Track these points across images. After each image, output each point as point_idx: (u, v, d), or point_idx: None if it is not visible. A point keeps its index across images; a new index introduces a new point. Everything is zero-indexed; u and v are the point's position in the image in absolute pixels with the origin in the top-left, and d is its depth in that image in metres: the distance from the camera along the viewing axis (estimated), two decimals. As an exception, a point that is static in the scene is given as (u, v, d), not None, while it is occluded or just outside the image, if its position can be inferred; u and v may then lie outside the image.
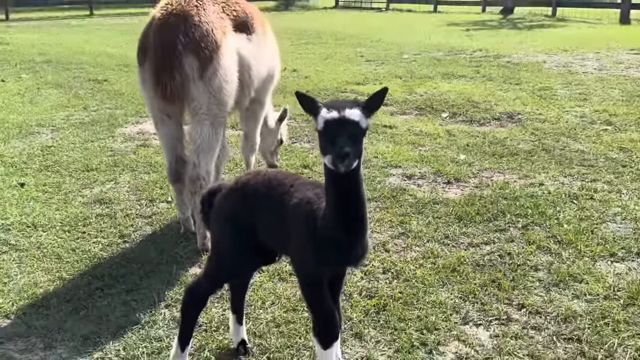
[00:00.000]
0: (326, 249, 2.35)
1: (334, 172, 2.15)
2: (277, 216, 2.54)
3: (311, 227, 2.37)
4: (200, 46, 3.89)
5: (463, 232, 4.44)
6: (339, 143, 2.08)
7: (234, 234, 2.68)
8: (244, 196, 2.67)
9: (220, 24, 4.08)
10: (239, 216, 2.67)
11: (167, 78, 3.88)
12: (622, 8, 20.94)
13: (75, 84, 10.33)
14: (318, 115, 2.16)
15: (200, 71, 3.92)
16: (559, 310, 3.41)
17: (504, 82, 10.03)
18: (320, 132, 2.16)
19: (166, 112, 4.19)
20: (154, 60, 3.95)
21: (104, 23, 23.29)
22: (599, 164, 5.81)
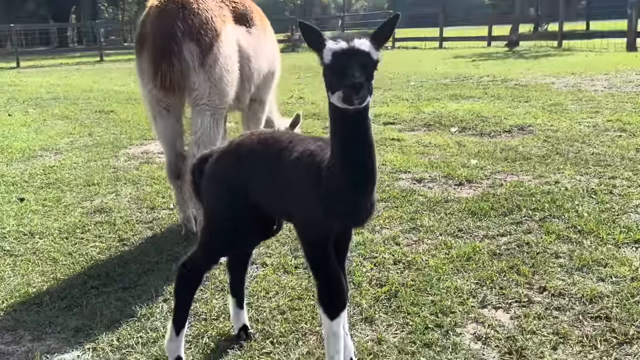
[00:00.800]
0: (333, 200, 2.16)
1: (343, 112, 1.98)
2: (276, 173, 2.37)
3: (316, 178, 2.18)
4: (200, 33, 3.80)
5: (477, 226, 4.22)
6: (351, 74, 1.90)
7: (229, 198, 2.50)
8: (238, 157, 2.50)
9: (219, 13, 3.99)
10: (232, 178, 2.49)
11: (166, 66, 3.75)
12: (628, 36, 20.89)
13: (81, 116, 10.29)
14: (324, 49, 1.98)
15: (201, 58, 3.82)
16: (583, 292, 3.18)
17: (512, 100, 9.89)
18: (328, 66, 1.98)
19: (165, 105, 4.05)
20: (152, 49, 3.83)
21: (114, 67, 23.56)
22: (616, 163, 5.60)
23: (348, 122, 2.03)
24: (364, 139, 2.06)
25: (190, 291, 2.67)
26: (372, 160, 2.11)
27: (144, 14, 4.08)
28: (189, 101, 3.98)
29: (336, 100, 1.97)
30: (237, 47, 4.09)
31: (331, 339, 2.34)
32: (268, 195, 2.45)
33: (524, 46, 24.63)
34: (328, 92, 2.01)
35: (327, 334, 2.35)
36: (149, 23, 3.92)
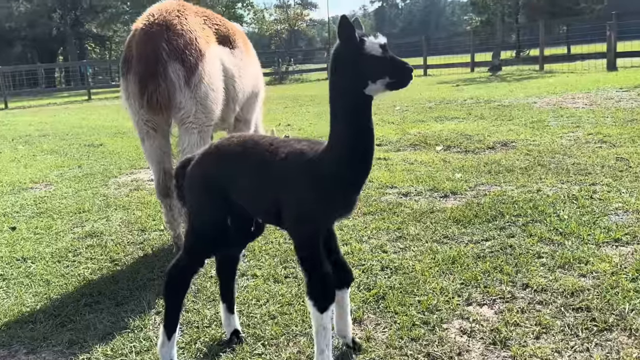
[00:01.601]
0: (336, 193, 2.37)
1: (368, 100, 2.28)
2: (262, 174, 2.47)
3: (315, 174, 2.34)
4: (185, 53, 3.89)
5: (462, 232, 4.32)
6: (403, 61, 2.25)
7: (209, 199, 2.60)
8: (219, 158, 2.60)
9: (203, 34, 4.11)
10: (212, 179, 2.59)
11: (152, 86, 3.83)
12: (608, 56, 21.35)
13: (71, 150, 10.37)
14: (366, 43, 2.23)
15: (186, 78, 3.89)
16: (565, 287, 3.27)
17: (495, 119, 10.08)
18: (375, 58, 2.23)
19: (152, 125, 4.12)
20: (138, 69, 3.91)
21: (102, 105, 23.73)
22: (596, 171, 5.74)
23: (367, 110, 2.29)
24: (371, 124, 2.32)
25: (178, 295, 2.73)
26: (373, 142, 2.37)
27: (129, 37, 4.18)
28: (176, 120, 4.06)
29: (379, 87, 2.25)
30: (221, 67, 4.19)
31: (321, 332, 2.43)
32: (252, 196, 2.54)
33: (506, 70, 25.07)
34: (366, 83, 2.24)
35: (317, 328, 2.44)
36: (134, 45, 4.01)
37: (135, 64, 3.95)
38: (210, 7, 39.06)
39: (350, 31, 2.24)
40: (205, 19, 4.33)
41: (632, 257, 3.62)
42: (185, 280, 2.72)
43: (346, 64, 2.26)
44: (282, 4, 58.30)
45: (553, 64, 24.66)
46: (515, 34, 37.86)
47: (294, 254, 4.08)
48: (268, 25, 52.64)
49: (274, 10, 54.48)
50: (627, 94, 12.38)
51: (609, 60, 21.23)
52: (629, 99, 11.50)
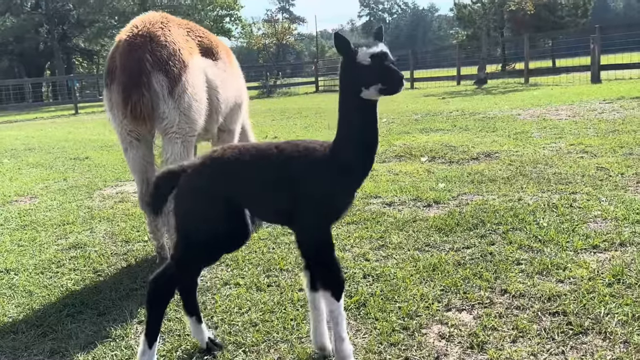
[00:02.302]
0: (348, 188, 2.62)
1: (369, 104, 2.49)
2: (273, 176, 2.56)
3: (328, 171, 2.53)
4: (168, 64, 3.93)
5: (444, 240, 4.37)
6: (395, 69, 2.44)
7: (212, 210, 2.59)
8: (222, 168, 2.62)
9: (186, 45, 4.16)
10: (220, 189, 2.60)
11: (136, 96, 3.85)
12: (592, 69, 21.63)
13: (56, 163, 10.34)
14: (359, 53, 2.45)
15: (170, 88, 3.93)
16: (542, 292, 3.32)
17: (480, 130, 10.19)
18: (366, 66, 2.44)
19: (135, 135, 4.15)
20: (122, 80, 3.93)
21: (89, 119, 23.68)
22: (577, 181, 5.82)
23: (370, 112, 2.52)
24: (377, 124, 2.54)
25: (162, 305, 2.74)
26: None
27: (113, 48, 4.21)
28: (160, 130, 4.09)
29: (372, 92, 2.45)
30: (204, 78, 4.24)
31: (340, 319, 2.60)
32: (263, 199, 2.62)
33: (492, 84, 25.32)
34: (360, 88, 2.46)
35: (337, 316, 2.60)
36: (118, 56, 4.04)
37: (119, 74, 3.98)
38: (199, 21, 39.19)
39: (344, 44, 2.48)
40: (188, 30, 4.38)
41: (609, 263, 3.68)
42: (171, 291, 2.74)
43: (344, 72, 2.54)
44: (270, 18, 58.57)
45: (538, 77, 24.96)
46: (501, 48, 38.28)
47: (277, 262, 4.13)
48: (256, 40, 52.79)
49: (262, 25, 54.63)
50: (610, 105, 12.54)
51: (593, 73, 21.50)
52: (612, 110, 11.65)
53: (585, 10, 45.23)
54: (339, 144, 2.56)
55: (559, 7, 44.05)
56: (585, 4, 45.06)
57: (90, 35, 51.54)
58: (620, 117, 10.42)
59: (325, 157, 2.55)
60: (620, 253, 3.86)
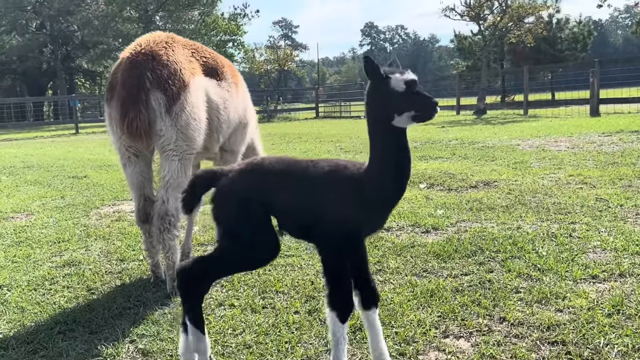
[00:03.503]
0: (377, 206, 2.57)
1: (400, 131, 2.48)
2: (305, 189, 2.57)
3: (356, 188, 2.52)
4: (168, 83, 3.95)
5: (442, 267, 4.33)
6: (427, 95, 2.45)
7: (250, 215, 2.59)
8: (261, 175, 2.63)
9: (188, 65, 4.17)
10: (254, 195, 2.60)
11: (133, 113, 3.87)
12: (591, 102, 21.77)
13: (55, 181, 10.31)
14: (392, 80, 2.44)
15: (168, 106, 3.94)
16: (542, 321, 3.27)
17: (479, 159, 10.20)
18: (400, 93, 2.43)
19: (133, 151, 4.15)
20: (121, 95, 3.95)
21: (89, 139, 23.73)
22: (576, 211, 5.80)
23: (402, 138, 2.50)
24: (408, 149, 2.54)
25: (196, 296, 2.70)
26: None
27: (115, 65, 4.24)
28: (157, 147, 4.08)
29: (404, 119, 2.44)
30: (205, 98, 4.25)
31: (341, 342, 2.57)
32: (293, 210, 2.60)
33: (491, 114, 25.49)
34: (393, 115, 2.44)
35: (338, 338, 2.56)
36: (119, 73, 4.05)
37: (118, 90, 3.99)
38: (201, 46, 39.64)
39: (375, 70, 2.45)
40: (193, 51, 4.41)
41: (608, 294, 3.64)
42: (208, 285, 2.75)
43: (374, 98, 2.49)
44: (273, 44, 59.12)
45: (537, 109, 25.16)
46: (501, 79, 38.55)
47: (272, 284, 4.09)
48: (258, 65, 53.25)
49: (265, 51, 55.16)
50: (609, 138, 12.59)
51: (592, 106, 21.64)
52: (611, 143, 11.69)
53: (584, 44, 45.69)
54: (372, 167, 2.54)
55: (558, 41, 44.48)
56: (585, 38, 45.53)
57: (94, 56, 52.00)
58: (619, 149, 10.45)
59: (357, 178, 2.54)
60: (619, 284, 3.82)
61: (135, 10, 48.23)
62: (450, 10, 29.90)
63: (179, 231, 4.20)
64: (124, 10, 46.98)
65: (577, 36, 45.05)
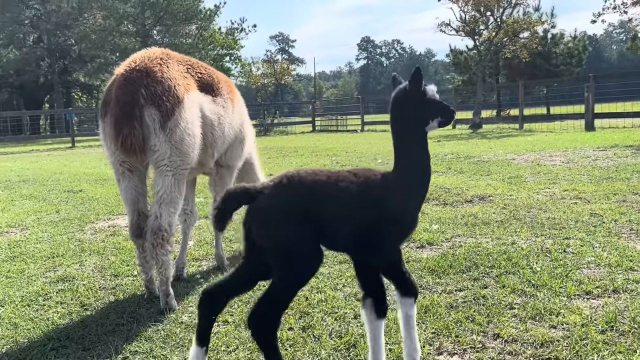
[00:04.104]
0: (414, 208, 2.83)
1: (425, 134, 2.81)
2: (354, 199, 2.63)
3: (401, 193, 2.73)
4: (162, 99, 3.97)
5: (436, 282, 4.33)
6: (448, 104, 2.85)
7: (301, 228, 2.56)
8: (305, 188, 2.62)
9: (183, 82, 4.19)
10: (302, 208, 2.58)
11: (127, 129, 3.89)
12: (586, 117, 21.89)
13: (50, 195, 10.29)
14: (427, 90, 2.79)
15: (162, 122, 3.96)
16: (535, 338, 3.27)
17: (474, 174, 10.23)
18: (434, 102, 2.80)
19: (127, 166, 4.17)
20: (115, 112, 3.97)
21: (85, 152, 23.71)
22: (570, 226, 5.82)
23: (426, 141, 2.83)
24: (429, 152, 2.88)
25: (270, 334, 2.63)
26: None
27: (110, 81, 4.26)
28: (151, 162, 4.09)
29: (434, 124, 2.80)
30: (199, 114, 4.28)
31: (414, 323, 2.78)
32: (342, 221, 2.62)
33: (486, 128, 25.58)
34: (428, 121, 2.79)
35: (413, 320, 2.77)
36: (114, 89, 4.08)
37: (112, 106, 4.01)
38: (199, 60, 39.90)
39: (420, 80, 2.76)
40: (188, 67, 4.44)
41: (602, 310, 3.64)
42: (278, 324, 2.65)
43: (411, 107, 2.78)
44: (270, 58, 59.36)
45: (532, 124, 25.28)
46: (496, 94, 38.75)
47: (267, 301, 4.07)
48: (255, 79, 53.41)
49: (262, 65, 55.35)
50: (604, 153, 12.64)
51: (586, 121, 21.76)
52: (605, 157, 11.74)
53: (579, 59, 45.94)
54: (403, 172, 2.77)
55: (553, 56, 44.73)
56: (580, 53, 45.79)
57: (91, 70, 52.07)
58: (614, 164, 10.49)
59: (395, 182, 2.74)
60: (613, 300, 3.82)
61: (133, 25, 48.40)
62: (445, 25, 30.09)
63: (173, 246, 4.21)
64: (121, 25, 47.10)
65: (572, 51, 45.31)
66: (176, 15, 47.08)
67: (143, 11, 46.10)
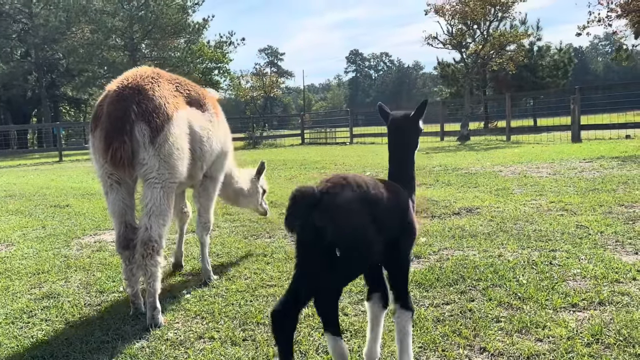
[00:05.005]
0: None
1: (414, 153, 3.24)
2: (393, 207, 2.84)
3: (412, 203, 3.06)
4: (152, 115, 4.10)
5: (423, 296, 4.33)
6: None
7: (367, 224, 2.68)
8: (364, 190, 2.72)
9: (173, 100, 4.32)
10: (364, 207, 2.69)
11: (117, 143, 3.99)
12: (572, 129, 22.05)
13: (36, 211, 10.21)
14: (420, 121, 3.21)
15: (151, 137, 4.07)
16: (522, 351, 3.27)
17: (462, 186, 10.27)
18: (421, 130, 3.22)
19: (116, 179, 4.24)
20: (106, 126, 4.08)
21: (73, 167, 23.56)
22: (557, 238, 5.85)
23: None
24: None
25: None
26: None
27: (101, 96, 4.36)
28: (140, 175, 4.19)
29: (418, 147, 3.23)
30: (188, 130, 4.40)
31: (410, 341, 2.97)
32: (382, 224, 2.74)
33: (474, 140, 25.72)
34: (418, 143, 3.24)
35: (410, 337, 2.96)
36: (105, 104, 4.19)
37: (103, 120, 4.13)
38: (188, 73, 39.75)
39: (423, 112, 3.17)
40: (177, 85, 4.61)
41: (588, 322, 3.65)
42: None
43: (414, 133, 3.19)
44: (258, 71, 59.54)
45: (519, 135, 25.45)
46: (483, 106, 38.98)
47: (254, 316, 4.06)
48: (244, 92, 53.48)
49: (250, 78, 55.47)
50: (590, 164, 12.73)
51: (573, 133, 21.91)
52: (592, 169, 11.82)
53: (565, 71, 46.39)
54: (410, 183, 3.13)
55: (539, 68, 45.11)
56: (566, 65, 46.25)
57: (79, 84, 51.83)
58: (600, 176, 10.57)
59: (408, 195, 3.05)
60: (599, 312, 3.84)
61: (121, 39, 48.34)
62: (433, 38, 30.27)
63: (162, 259, 4.23)
64: (109, 39, 47.02)
65: (558, 63, 45.74)
66: (164, 29, 47.09)
67: (131, 25, 46.08)
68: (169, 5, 46.50)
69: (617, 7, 25.63)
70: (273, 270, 5.27)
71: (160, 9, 45.81)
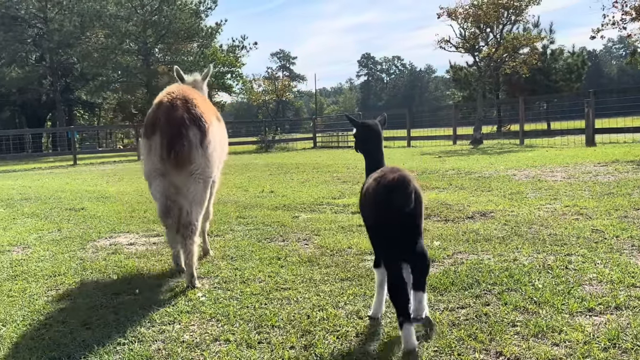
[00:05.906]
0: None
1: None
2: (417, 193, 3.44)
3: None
4: (200, 120, 5.01)
5: (438, 300, 4.32)
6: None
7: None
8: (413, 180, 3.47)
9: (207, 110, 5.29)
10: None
11: (178, 146, 4.84)
12: (587, 132, 21.94)
13: (52, 214, 10.29)
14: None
15: (201, 139, 4.96)
16: (538, 356, 3.26)
17: (475, 190, 10.24)
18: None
19: (161, 172, 5.00)
20: (166, 131, 4.89)
21: (87, 170, 23.76)
22: (572, 242, 5.81)
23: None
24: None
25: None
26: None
27: (154, 107, 5.20)
28: (187, 171, 4.96)
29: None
30: (217, 136, 5.36)
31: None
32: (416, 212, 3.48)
33: (487, 144, 25.62)
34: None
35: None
36: (161, 113, 5.00)
37: (164, 127, 4.91)
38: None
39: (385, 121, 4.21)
40: (203, 99, 5.56)
41: (604, 327, 3.63)
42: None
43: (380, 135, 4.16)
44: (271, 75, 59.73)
45: (533, 139, 25.34)
46: (497, 110, 38.85)
47: (268, 319, 4.07)
48: (256, 96, 53.67)
49: (263, 82, 55.64)
50: (605, 168, 12.65)
51: (587, 136, 21.80)
52: (606, 173, 11.74)
53: (579, 74, 46.09)
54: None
55: (553, 71, 44.88)
56: (579, 69, 45.95)
57: (93, 88, 52.28)
58: (615, 180, 10.50)
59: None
60: (615, 317, 3.81)
61: (135, 43, 48.73)
62: (445, 42, 30.23)
63: (198, 238, 5.15)
64: (123, 43, 47.42)
65: (572, 66, 45.46)
66: (178, 33, 47.43)
67: (145, 29, 46.44)
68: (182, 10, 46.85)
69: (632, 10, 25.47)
70: (287, 273, 5.28)
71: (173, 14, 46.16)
